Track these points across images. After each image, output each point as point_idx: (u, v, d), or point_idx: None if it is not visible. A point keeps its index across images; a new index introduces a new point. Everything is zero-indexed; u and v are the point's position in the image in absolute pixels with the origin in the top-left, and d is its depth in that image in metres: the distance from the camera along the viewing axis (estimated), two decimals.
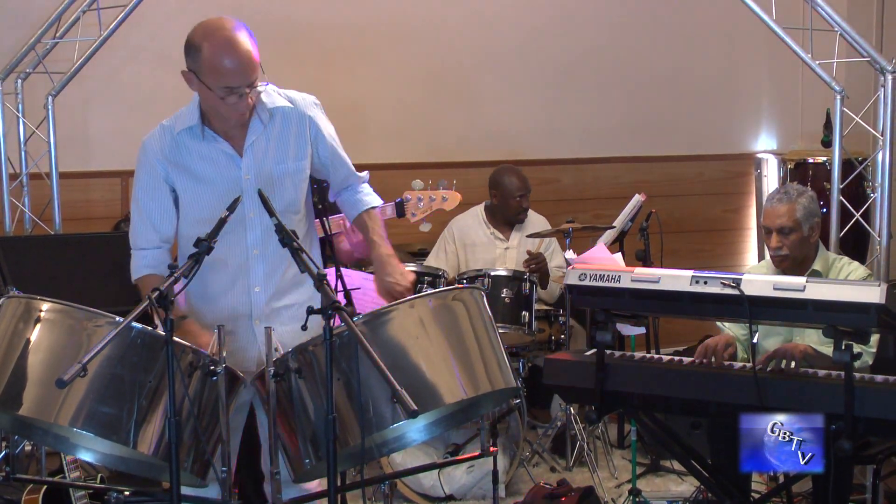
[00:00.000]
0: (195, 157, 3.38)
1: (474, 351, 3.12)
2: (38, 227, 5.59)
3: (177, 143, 3.38)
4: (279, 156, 3.42)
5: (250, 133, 3.38)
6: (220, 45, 3.21)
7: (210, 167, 3.38)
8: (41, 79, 5.54)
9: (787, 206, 4.15)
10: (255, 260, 3.42)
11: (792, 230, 4.15)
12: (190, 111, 3.39)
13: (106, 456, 3.28)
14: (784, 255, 4.17)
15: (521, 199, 5.91)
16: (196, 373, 3.03)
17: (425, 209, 4.60)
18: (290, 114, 3.44)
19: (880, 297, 3.23)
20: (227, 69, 3.20)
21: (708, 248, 7.52)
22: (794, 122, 7.56)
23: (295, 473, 3.16)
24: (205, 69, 3.23)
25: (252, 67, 3.24)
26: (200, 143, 3.37)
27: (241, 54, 3.22)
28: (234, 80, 3.22)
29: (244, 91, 3.24)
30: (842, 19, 5.14)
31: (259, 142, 3.39)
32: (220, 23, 3.27)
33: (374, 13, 6.70)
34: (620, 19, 7.20)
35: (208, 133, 3.37)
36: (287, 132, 3.43)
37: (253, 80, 3.26)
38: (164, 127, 3.42)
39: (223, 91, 3.23)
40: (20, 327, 3.01)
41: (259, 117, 3.38)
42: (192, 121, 3.36)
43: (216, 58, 3.20)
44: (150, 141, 3.42)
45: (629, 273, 3.62)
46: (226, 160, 3.38)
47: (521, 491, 5.06)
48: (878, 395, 3.41)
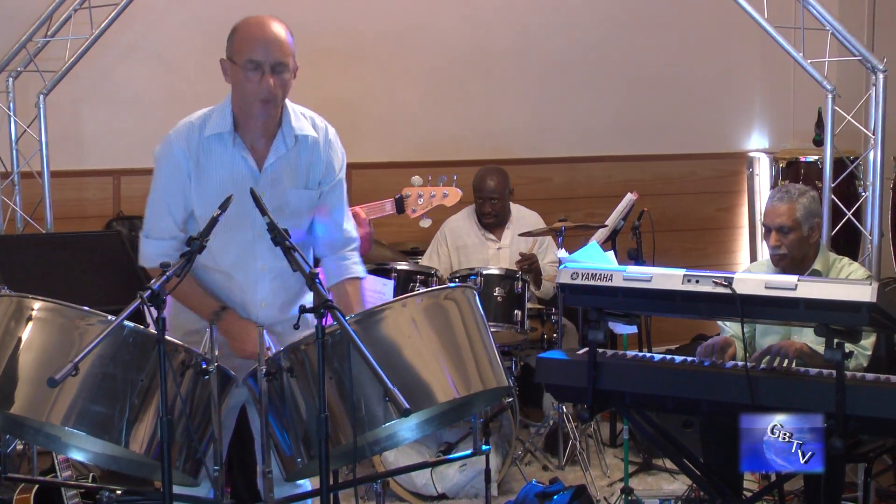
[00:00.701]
0: (217, 163, 3.37)
1: (466, 350, 3.12)
2: (29, 225, 5.58)
3: (203, 145, 3.37)
4: (295, 181, 3.43)
5: (272, 152, 3.39)
6: (253, 23, 3.32)
7: (228, 176, 3.37)
8: (32, 77, 5.53)
9: (787, 206, 4.16)
10: (261, 276, 3.43)
11: (791, 229, 4.15)
12: (223, 115, 3.37)
13: (98, 455, 3.27)
14: (782, 254, 4.17)
15: (485, 203, 5.90)
16: (188, 372, 3.03)
17: (425, 205, 4.58)
18: (314, 145, 3.46)
19: (871, 295, 3.23)
20: (255, 41, 3.27)
21: (700, 246, 7.53)
22: (786, 121, 7.57)
23: (287, 472, 3.16)
24: (236, 46, 3.30)
25: (279, 46, 3.28)
26: (227, 149, 3.36)
27: (271, 31, 3.29)
28: (259, 53, 3.25)
29: (267, 69, 3.25)
30: (833, 18, 5.15)
31: (279, 163, 3.40)
32: (261, 15, 3.36)
33: (366, 13, 6.70)
34: (612, 19, 7.20)
35: (238, 142, 3.37)
36: (306, 161, 3.45)
37: (279, 60, 3.27)
38: (192, 125, 3.39)
39: (248, 65, 3.25)
40: (12, 326, 3.00)
41: (284, 139, 3.39)
42: (225, 127, 3.35)
43: (246, 32, 3.30)
44: (177, 140, 3.38)
45: (621, 272, 3.62)
46: (246, 173, 3.37)
47: (514, 489, 5.06)
48: (869, 394, 3.41)
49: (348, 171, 3.70)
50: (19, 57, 5.47)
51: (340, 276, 3.59)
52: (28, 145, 5.57)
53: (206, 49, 6.37)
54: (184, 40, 6.29)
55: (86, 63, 5.57)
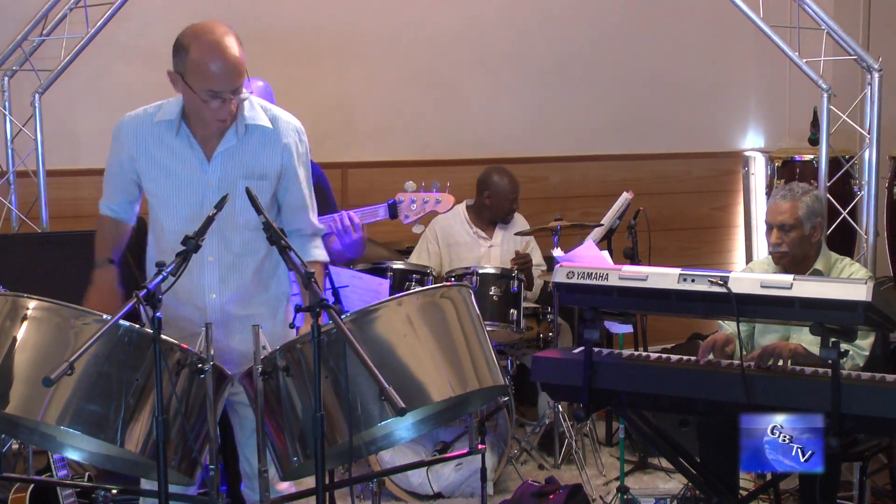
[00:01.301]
0: (166, 150, 3.40)
1: (462, 348, 3.12)
2: (24, 224, 5.57)
3: (152, 131, 3.41)
4: (246, 170, 3.41)
5: (223, 142, 3.38)
6: (207, 48, 3.23)
7: (178, 164, 3.39)
8: (28, 76, 5.52)
9: (789, 204, 4.16)
10: (209, 266, 3.42)
11: (793, 227, 4.15)
12: (173, 105, 3.41)
13: (93, 454, 3.27)
14: (783, 251, 4.18)
15: (513, 202, 5.92)
16: (183, 371, 3.02)
17: (418, 211, 4.58)
18: (267, 134, 3.44)
19: (867, 294, 3.24)
20: (213, 73, 3.22)
21: (696, 245, 7.53)
22: (782, 120, 7.57)
23: (283, 471, 3.16)
24: (191, 71, 3.24)
25: (238, 73, 3.25)
26: (174, 138, 3.38)
27: (228, 59, 3.23)
28: (219, 84, 3.22)
29: (228, 96, 3.24)
30: (829, 18, 5.16)
31: (230, 152, 3.39)
32: (209, 26, 3.29)
33: (361, 12, 6.69)
34: (608, 18, 7.20)
35: (184, 131, 3.38)
36: (259, 151, 3.43)
37: (237, 86, 3.27)
38: (146, 112, 3.46)
39: (207, 94, 3.24)
40: (7, 325, 3.00)
41: (235, 128, 3.38)
42: (173, 115, 3.38)
43: (203, 60, 3.22)
44: (129, 122, 3.48)
45: (617, 271, 3.62)
46: (194, 162, 3.39)
47: (510, 489, 5.06)
48: (864, 393, 3.42)
49: (344, 170, 3.70)
50: (14, 56, 5.46)
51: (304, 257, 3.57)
52: (23, 144, 5.56)
53: None
54: None
55: (81, 62, 5.56)
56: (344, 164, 6.50)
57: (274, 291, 3.54)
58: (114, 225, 3.60)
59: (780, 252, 4.19)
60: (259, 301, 3.49)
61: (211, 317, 3.41)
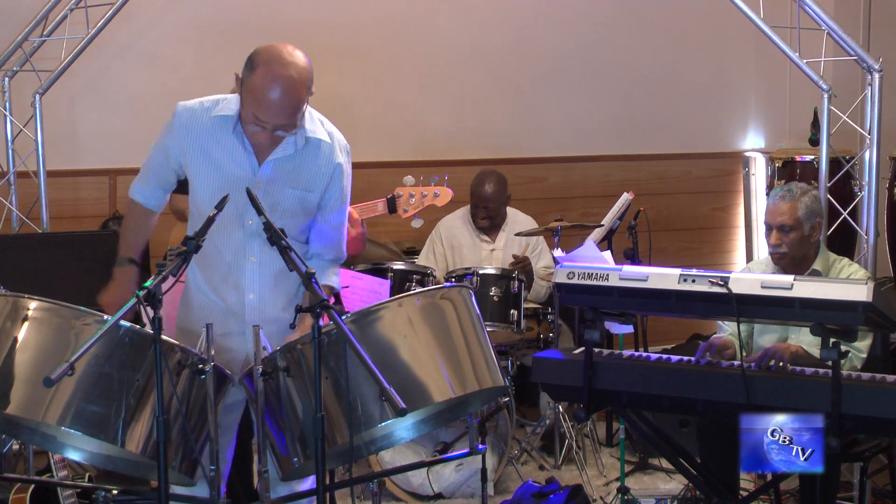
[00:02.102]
0: (219, 145, 3.37)
1: (462, 349, 3.12)
2: (25, 225, 5.57)
3: (207, 125, 3.37)
4: (295, 181, 3.40)
5: (280, 149, 3.36)
6: (271, 79, 3.19)
7: (228, 160, 3.37)
8: (28, 77, 5.52)
9: (789, 205, 4.16)
10: (252, 266, 3.42)
11: (792, 228, 4.15)
12: (233, 103, 3.38)
13: (94, 455, 3.27)
14: (783, 252, 4.18)
15: (479, 209, 5.89)
16: (184, 371, 3.03)
17: (417, 205, 4.59)
18: (323, 149, 3.43)
19: (867, 295, 3.24)
20: (265, 104, 3.20)
21: (696, 246, 7.53)
22: (782, 121, 7.57)
23: (283, 472, 3.16)
24: (248, 88, 3.22)
25: (288, 114, 3.23)
26: (229, 135, 3.36)
27: (285, 97, 3.20)
28: (265, 115, 3.21)
29: (269, 128, 3.24)
30: (829, 18, 5.15)
31: (285, 160, 3.38)
32: (287, 55, 3.24)
33: (362, 11, 6.69)
34: (608, 18, 7.20)
35: (239, 129, 3.35)
36: (313, 164, 3.42)
37: (284, 124, 3.25)
38: (202, 105, 3.41)
39: (251, 117, 3.23)
40: (7, 326, 3.00)
41: (295, 139, 3.36)
42: (231, 112, 3.35)
43: (262, 88, 3.19)
44: (182, 111, 3.41)
45: (617, 271, 3.62)
46: (245, 161, 3.37)
47: (510, 489, 5.06)
48: (865, 393, 3.42)
49: None
50: (15, 56, 5.46)
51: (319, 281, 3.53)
52: (24, 145, 5.56)
53: (202, 48, 6.43)
54: (180, 40, 6.29)
55: (82, 62, 5.57)
56: None
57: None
58: (143, 214, 3.60)
59: (780, 253, 4.19)
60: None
61: (248, 317, 3.41)
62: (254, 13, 6.31)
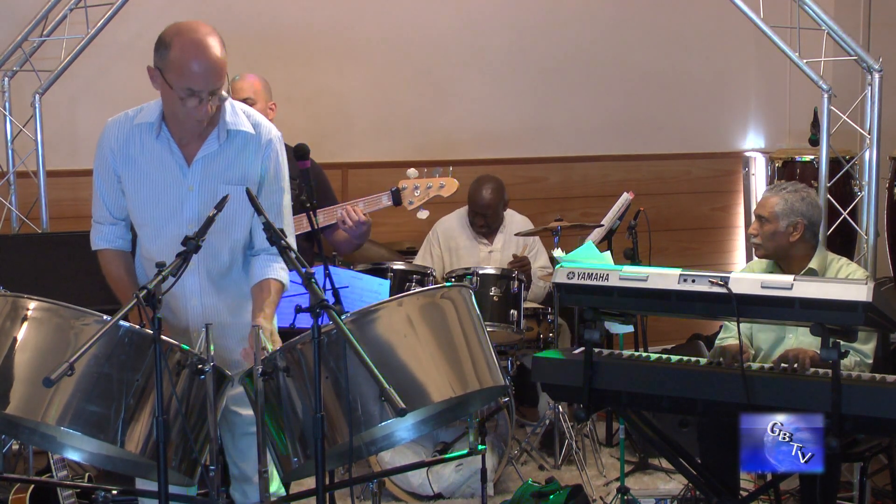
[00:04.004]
0: (146, 153, 3.36)
1: (462, 349, 3.12)
2: (25, 225, 5.57)
3: (132, 134, 3.37)
4: (228, 176, 3.37)
5: (204, 146, 3.34)
6: (189, 46, 3.20)
7: (157, 168, 3.35)
8: (28, 77, 5.52)
9: (772, 198, 4.25)
10: (191, 272, 3.33)
11: (767, 220, 4.21)
12: (153, 107, 3.37)
13: (93, 455, 3.27)
14: (756, 243, 4.28)
15: (477, 215, 5.89)
16: (184, 371, 3.02)
17: (422, 196, 4.55)
18: (248, 140, 3.39)
19: (867, 295, 3.24)
20: (193, 71, 3.18)
21: (695, 246, 7.54)
22: (782, 121, 7.58)
23: (283, 472, 3.16)
24: (170, 67, 3.21)
25: (218, 74, 3.22)
26: (154, 141, 3.34)
27: (210, 58, 3.20)
28: (198, 83, 3.19)
29: (205, 96, 3.21)
30: (829, 18, 5.15)
31: (211, 157, 3.36)
32: (193, 25, 3.26)
33: (361, 13, 6.69)
34: (609, 18, 7.21)
35: (164, 134, 3.34)
36: (241, 157, 3.39)
37: (217, 87, 3.23)
38: (126, 115, 3.42)
39: (184, 92, 3.20)
40: (7, 326, 3.00)
41: (217, 134, 3.34)
42: (152, 117, 3.35)
43: (183, 58, 3.19)
44: (110, 126, 3.42)
45: (617, 271, 3.62)
46: (174, 166, 3.35)
47: (510, 489, 5.06)
48: (865, 393, 3.42)
49: (344, 170, 3.69)
50: (15, 56, 5.46)
51: (264, 275, 3.44)
52: (24, 145, 5.56)
53: None
54: None
55: (81, 62, 5.56)
56: (344, 164, 6.50)
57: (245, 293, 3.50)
58: (115, 258, 3.51)
59: (754, 243, 4.28)
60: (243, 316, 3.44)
61: (192, 324, 3.41)
62: (254, 14, 6.32)
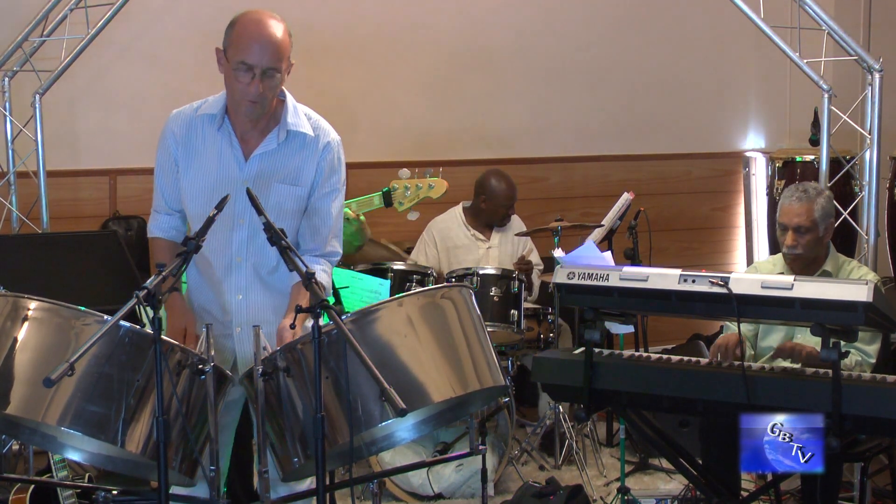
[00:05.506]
0: (207, 144, 3.40)
1: (463, 349, 3.12)
2: (25, 225, 5.57)
3: (195, 124, 3.41)
4: (282, 175, 3.41)
5: (264, 143, 3.38)
6: (249, 22, 3.28)
7: (215, 160, 3.39)
8: (28, 77, 5.52)
9: (805, 206, 4.15)
10: (237, 267, 3.41)
11: (808, 230, 4.15)
12: (218, 100, 3.42)
13: (94, 455, 3.26)
14: (798, 253, 4.17)
15: (508, 208, 5.91)
16: (184, 371, 3.02)
17: (412, 198, 4.59)
18: (307, 142, 3.43)
19: (867, 295, 3.24)
20: (248, 44, 3.24)
21: (696, 246, 7.54)
22: (782, 121, 7.58)
23: (283, 472, 3.15)
24: (231, 43, 3.28)
25: (273, 52, 3.26)
26: (215, 133, 3.39)
27: (265, 34, 3.26)
28: (252, 56, 3.23)
29: (258, 73, 3.24)
30: (829, 18, 5.15)
31: (269, 155, 3.39)
32: (261, 10, 3.34)
33: (363, 11, 6.69)
34: (609, 18, 7.21)
35: (226, 126, 3.39)
36: (298, 157, 3.42)
37: (270, 66, 3.26)
38: (191, 106, 3.47)
39: (240, 66, 3.24)
40: (7, 326, 3.00)
41: (277, 133, 3.39)
42: (215, 109, 3.39)
43: (243, 32, 3.27)
44: (175, 115, 3.47)
45: (617, 271, 3.62)
46: (231, 160, 3.39)
47: (510, 489, 5.06)
48: (865, 393, 3.42)
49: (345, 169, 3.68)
50: (15, 56, 5.45)
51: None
52: (24, 145, 5.56)
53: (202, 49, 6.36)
54: (180, 40, 6.29)
55: (82, 63, 5.56)
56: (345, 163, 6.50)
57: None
58: (166, 248, 3.53)
59: (795, 254, 4.18)
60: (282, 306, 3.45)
61: (237, 318, 3.43)
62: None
